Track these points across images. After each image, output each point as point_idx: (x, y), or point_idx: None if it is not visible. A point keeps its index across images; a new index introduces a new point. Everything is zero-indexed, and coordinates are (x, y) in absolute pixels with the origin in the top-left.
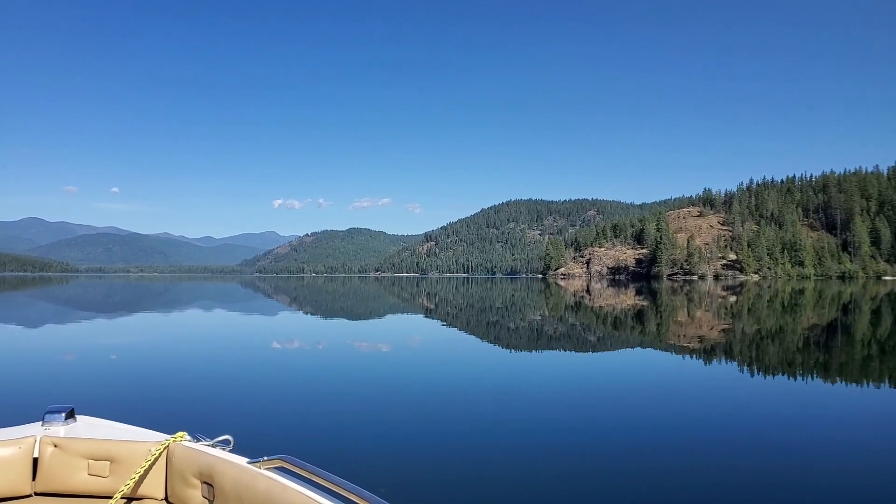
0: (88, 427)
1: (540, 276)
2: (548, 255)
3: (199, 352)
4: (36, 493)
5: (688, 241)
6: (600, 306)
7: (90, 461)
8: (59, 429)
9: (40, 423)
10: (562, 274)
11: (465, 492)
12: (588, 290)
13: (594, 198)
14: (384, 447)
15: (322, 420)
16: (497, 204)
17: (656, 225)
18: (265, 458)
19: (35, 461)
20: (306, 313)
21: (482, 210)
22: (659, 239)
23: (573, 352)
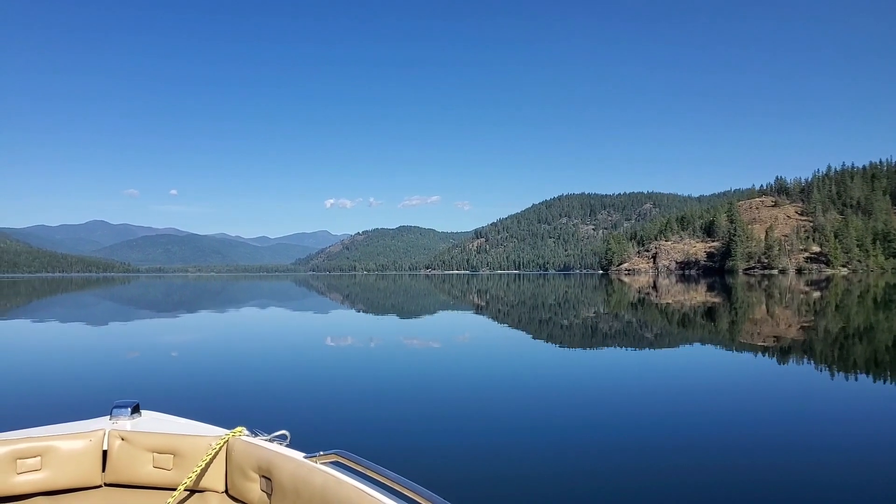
0: (153, 421)
1: (600, 271)
2: (609, 249)
3: (256, 349)
4: (106, 484)
5: (766, 233)
6: (667, 303)
7: (155, 454)
8: (125, 423)
9: (108, 417)
10: (626, 269)
11: (517, 489)
12: (655, 286)
13: (650, 191)
14: (436, 443)
15: (375, 416)
16: (548, 199)
17: (727, 216)
18: (321, 453)
19: (104, 453)
20: (358, 311)
21: (533, 205)
22: (732, 231)
23: (634, 349)
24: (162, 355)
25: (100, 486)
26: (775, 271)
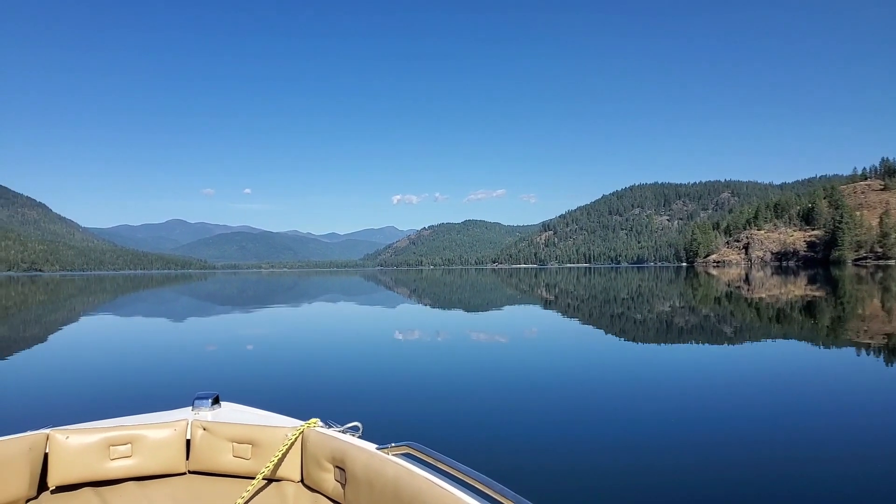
0: (232, 412)
1: (683, 264)
2: (694, 240)
3: (328, 342)
4: (189, 472)
5: (881, 219)
6: (759, 298)
7: (234, 444)
8: (206, 413)
9: (190, 407)
10: (714, 261)
11: (587, 485)
12: (747, 279)
13: (727, 179)
14: (504, 437)
15: (445, 409)
16: (619, 189)
17: (829, 201)
18: (392, 445)
19: (188, 442)
20: (426, 305)
21: (603, 196)
22: (838, 218)
23: (722, 346)
24: (239, 349)
25: (184, 474)
26: (893, 262)
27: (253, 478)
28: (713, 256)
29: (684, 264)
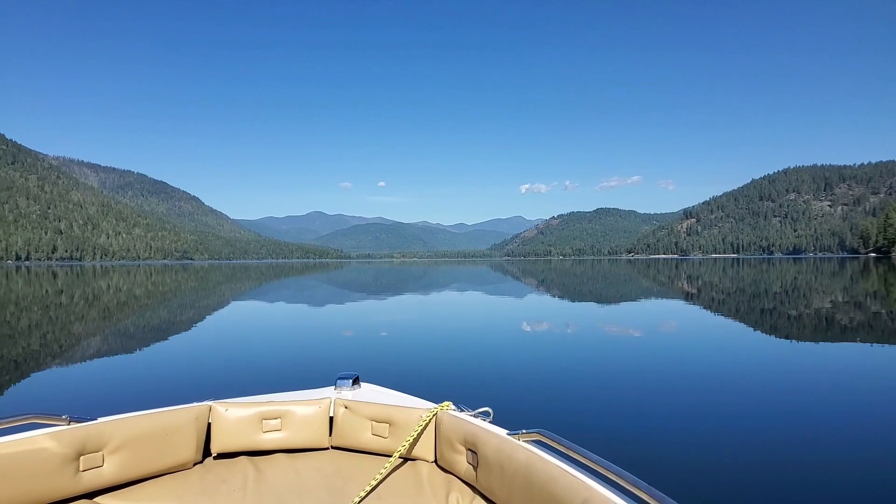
0: (370, 393)
1: (872, 254)
2: (888, 224)
3: (459, 328)
4: (332, 447)
5: None
6: None
7: (373, 423)
8: (347, 393)
9: (333, 387)
10: None
11: (723, 481)
12: None
13: None
14: (636, 429)
15: (575, 398)
16: (772, 173)
17: None
18: (524, 431)
19: (331, 419)
20: (555, 296)
21: (753, 181)
22: None
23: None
24: (375, 333)
25: (327, 449)
26: None
27: (390, 455)
28: None
29: (863, 254)
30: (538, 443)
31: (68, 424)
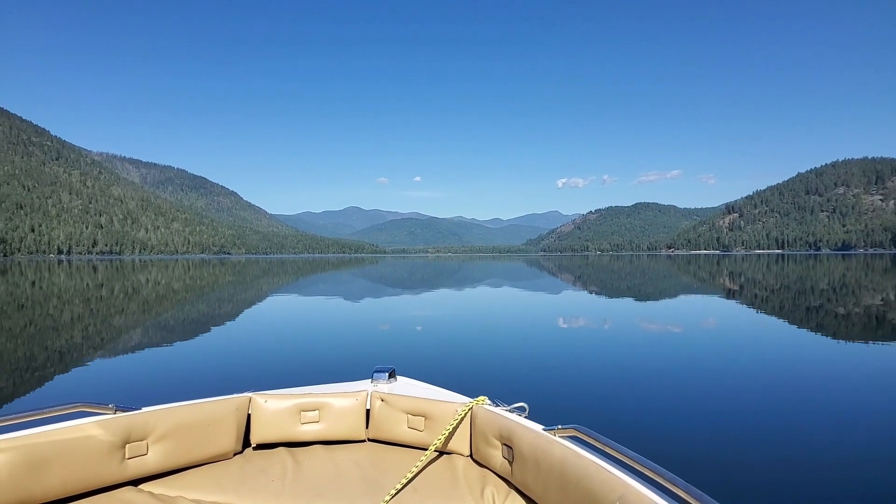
0: (406, 386)
1: None
2: None
3: (493, 324)
4: (369, 439)
5: None
6: None
7: (409, 416)
8: (384, 386)
9: (370, 380)
10: None
11: (762, 479)
12: None
13: None
14: (673, 426)
15: (611, 395)
16: (819, 166)
17: None
18: (559, 427)
19: (367, 412)
20: (591, 292)
21: (799, 174)
22: None
23: None
24: (411, 327)
25: (364, 441)
26: None
27: (425, 449)
28: None
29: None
30: (574, 438)
31: (114, 413)
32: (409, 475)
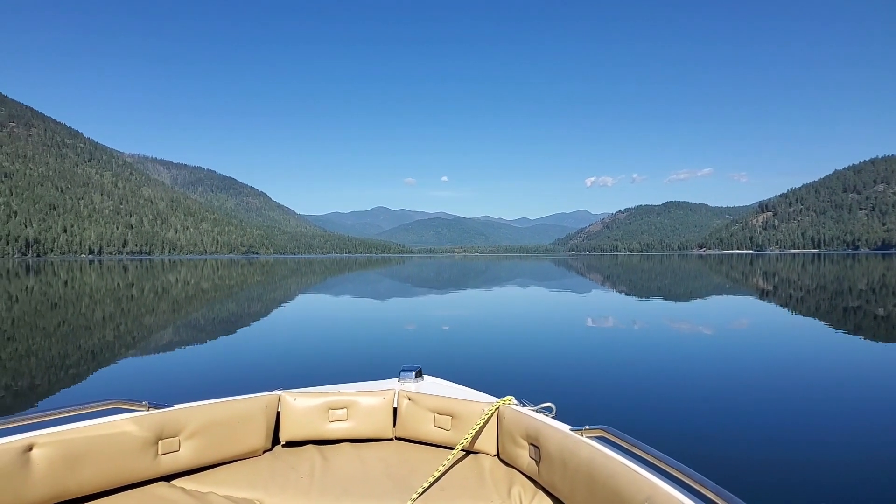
0: (433, 385)
1: None
2: None
3: (520, 324)
4: (396, 438)
5: None
6: None
7: (435, 415)
8: (411, 385)
9: (397, 379)
10: None
11: (790, 483)
12: None
13: None
14: (701, 427)
15: (638, 395)
16: (857, 163)
17: None
18: (587, 427)
19: (394, 411)
20: (620, 292)
21: (836, 171)
22: None
23: None
24: (437, 327)
25: (391, 440)
26: None
27: (452, 448)
28: None
29: None
30: (602, 439)
31: (147, 410)
32: (436, 474)
